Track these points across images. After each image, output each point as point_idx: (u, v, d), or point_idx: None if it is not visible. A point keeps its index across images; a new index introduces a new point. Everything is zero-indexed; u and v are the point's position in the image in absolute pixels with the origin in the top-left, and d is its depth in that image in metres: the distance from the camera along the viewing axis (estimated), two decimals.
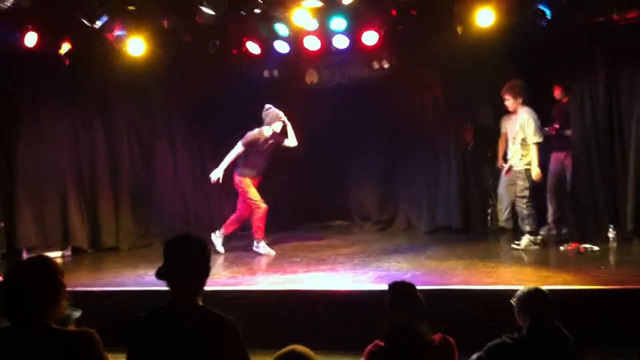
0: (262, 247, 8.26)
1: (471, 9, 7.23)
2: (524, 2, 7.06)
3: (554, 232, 8.63)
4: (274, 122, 8.30)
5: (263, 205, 8.23)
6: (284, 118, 8.36)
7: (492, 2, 7.07)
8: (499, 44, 8.00)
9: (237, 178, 8.29)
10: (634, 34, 7.50)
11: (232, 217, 8.49)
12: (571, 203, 8.41)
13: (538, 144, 7.66)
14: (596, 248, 7.33)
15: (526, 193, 7.70)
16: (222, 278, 6.67)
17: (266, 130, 8.31)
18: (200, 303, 2.94)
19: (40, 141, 8.64)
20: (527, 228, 7.71)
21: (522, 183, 7.75)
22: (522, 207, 7.74)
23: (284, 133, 8.51)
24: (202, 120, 10.21)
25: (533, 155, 7.66)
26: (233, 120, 10.17)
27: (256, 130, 8.28)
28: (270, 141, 8.36)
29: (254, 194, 8.24)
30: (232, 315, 2.92)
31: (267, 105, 8.40)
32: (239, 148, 8.15)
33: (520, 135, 7.75)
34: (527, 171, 7.71)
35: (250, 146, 8.19)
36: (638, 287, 5.49)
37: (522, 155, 7.80)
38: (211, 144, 10.33)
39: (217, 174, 8.15)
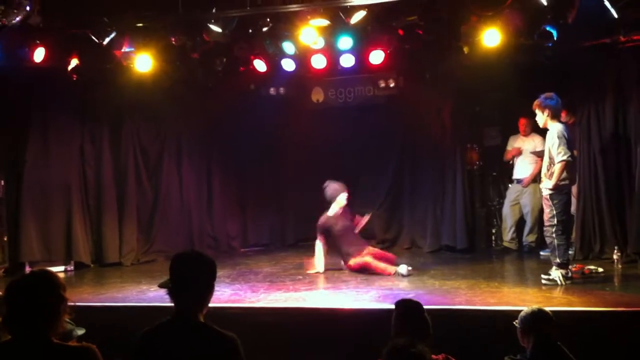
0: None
1: (478, 30, 7.24)
2: (531, 22, 7.06)
3: None
4: (337, 195, 8.10)
5: (390, 270, 7.62)
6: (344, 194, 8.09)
7: (498, 22, 7.08)
8: (506, 65, 8.01)
9: (350, 265, 7.98)
10: None
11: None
12: (576, 224, 8.35)
13: (564, 162, 6.58)
14: (601, 270, 7.28)
15: (554, 221, 6.67)
16: (225, 295, 6.65)
17: (331, 210, 8.17)
18: (202, 320, 2.93)
19: (48, 157, 8.64)
20: (557, 260, 6.68)
21: (548, 210, 6.76)
22: (552, 237, 6.70)
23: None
24: (209, 137, 10.29)
25: (555, 171, 6.60)
26: (240, 137, 10.23)
27: (323, 217, 8.13)
28: (343, 221, 8.14)
29: (370, 262, 7.78)
30: (234, 332, 2.91)
31: (326, 183, 8.22)
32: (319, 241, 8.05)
33: (547, 155, 6.80)
34: (552, 195, 6.67)
35: (327, 232, 8.04)
36: None
37: (548, 178, 6.76)
38: (218, 161, 10.40)
39: (319, 270, 8.00)
